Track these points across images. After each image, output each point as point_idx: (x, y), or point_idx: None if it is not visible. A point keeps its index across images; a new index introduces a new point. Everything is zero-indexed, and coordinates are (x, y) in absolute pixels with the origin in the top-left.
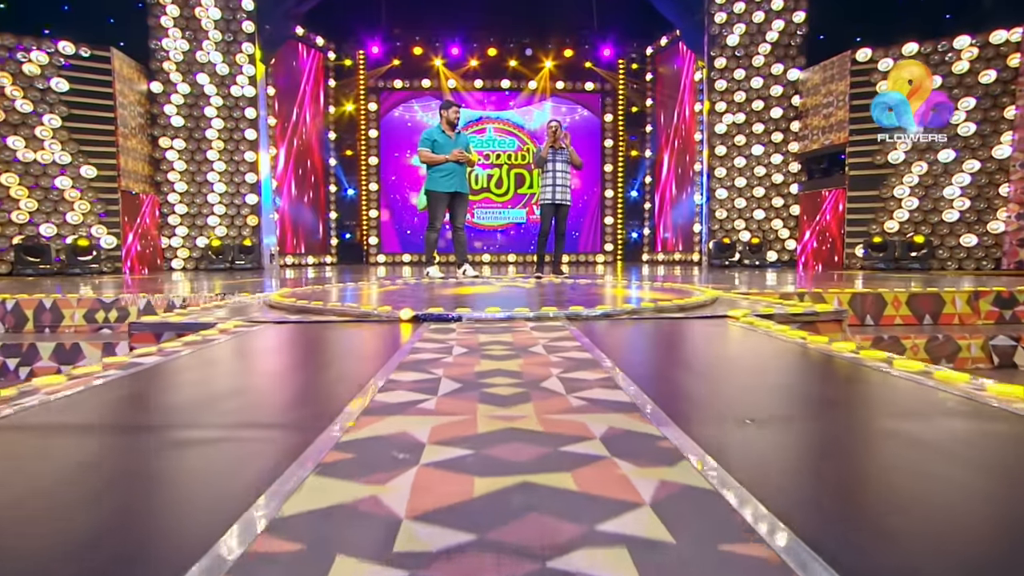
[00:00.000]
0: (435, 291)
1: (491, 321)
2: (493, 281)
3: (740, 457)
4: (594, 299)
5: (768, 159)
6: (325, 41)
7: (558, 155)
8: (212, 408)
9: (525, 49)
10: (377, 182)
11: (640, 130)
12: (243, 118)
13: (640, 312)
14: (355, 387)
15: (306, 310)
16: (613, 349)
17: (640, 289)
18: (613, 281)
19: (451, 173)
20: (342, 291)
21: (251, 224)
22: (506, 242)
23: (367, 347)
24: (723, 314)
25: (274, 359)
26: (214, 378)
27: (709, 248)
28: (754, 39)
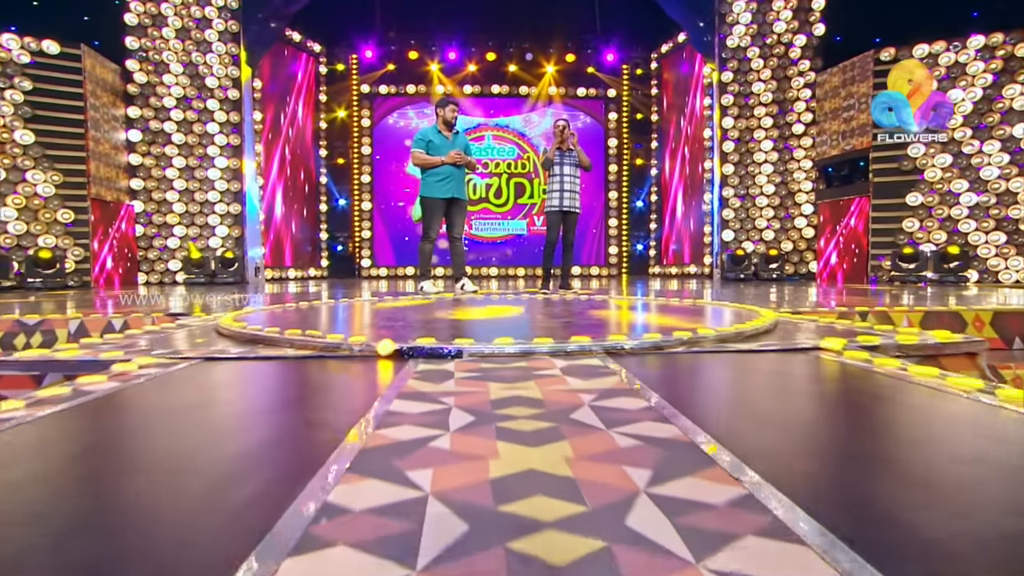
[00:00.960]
0: (429, 311)
1: (502, 357)
2: (495, 298)
3: None
4: (623, 322)
5: (784, 166)
6: (316, 44)
7: (566, 157)
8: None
9: (525, 54)
10: (370, 192)
11: (645, 137)
12: (227, 122)
13: (698, 342)
14: (260, 518)
15: (257, 339)
16: (700, 411)
17: (672, 309)
18: (633, 298)
19: (447, 177)
20: (315, 312)
21: (234, 235)
22: (506, 255)
23: (319, 407)
24: (810, 345)
25: (163, 431)
26: (25, 482)
27: (722, 260)
28: (767, 40)
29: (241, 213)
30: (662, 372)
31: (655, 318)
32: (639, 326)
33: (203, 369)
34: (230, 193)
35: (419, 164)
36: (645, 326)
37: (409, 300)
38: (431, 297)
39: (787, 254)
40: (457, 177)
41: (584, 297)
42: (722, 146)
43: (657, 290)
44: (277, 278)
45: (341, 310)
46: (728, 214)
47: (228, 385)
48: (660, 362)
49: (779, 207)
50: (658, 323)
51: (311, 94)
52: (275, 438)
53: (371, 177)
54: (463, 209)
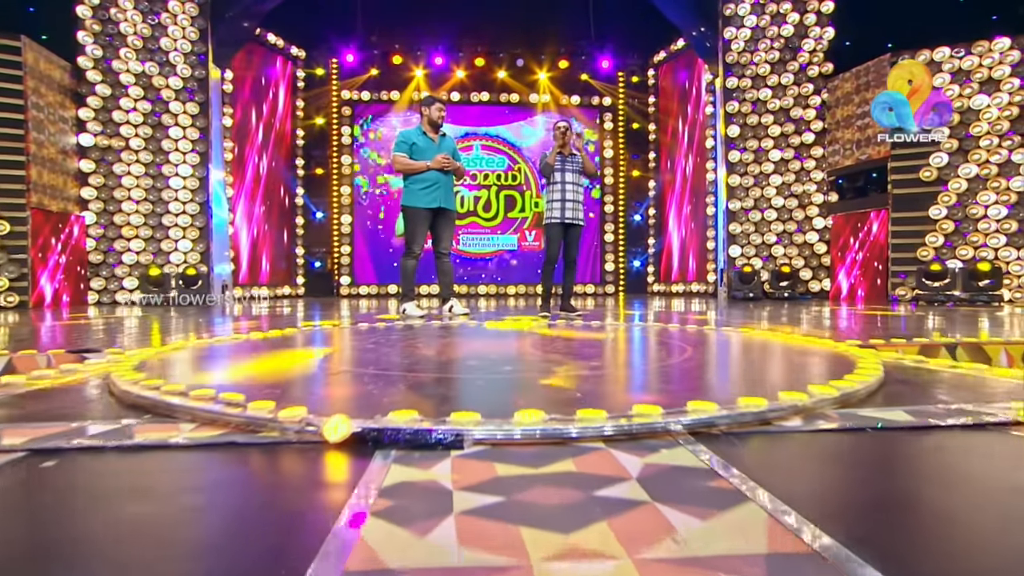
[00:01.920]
0: (411, 345)
1: (529, 444)
2: (491, 324)
3: None
4: (675, 366)
5: (794, 177)
6: (293, 47)
7: (567, 163)
8: None
9: (516, 59)
10: (350, 204)
11: (642, 148)
12: (192, 127)
13: (812, 410)
14: None
15: (145, 406)
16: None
17: (718, 343)
18: (658, 324)
19: (433, 184)
20: (265, 348)
21: (198, 250)
22: (496, 272)
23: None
24: (1002, 418)
25: None
26: None
27: (728, 278)
28: (774, 45)
29: (206, 226)
30: (808, 484)
31: (710, 358)
32: (705, 376)
33: (16, 476)
34: (194, 204)
35: (401, 170)
36: (714, 376)
37: (390, 316)
38: (415, 321)
39: (798, 271)
40: (444, 185)
41: (595, 325)
42: (727, 156)
43: (674, 312)
44: (247, 297)
45: (300, 343)
46: (734, 228)
47: (29, 516)
48: (782, 453)
49: (789, 221)
50: (729, 371)
51: (287, 100)
52: None
53: (351, 188)
54: (451, 221)
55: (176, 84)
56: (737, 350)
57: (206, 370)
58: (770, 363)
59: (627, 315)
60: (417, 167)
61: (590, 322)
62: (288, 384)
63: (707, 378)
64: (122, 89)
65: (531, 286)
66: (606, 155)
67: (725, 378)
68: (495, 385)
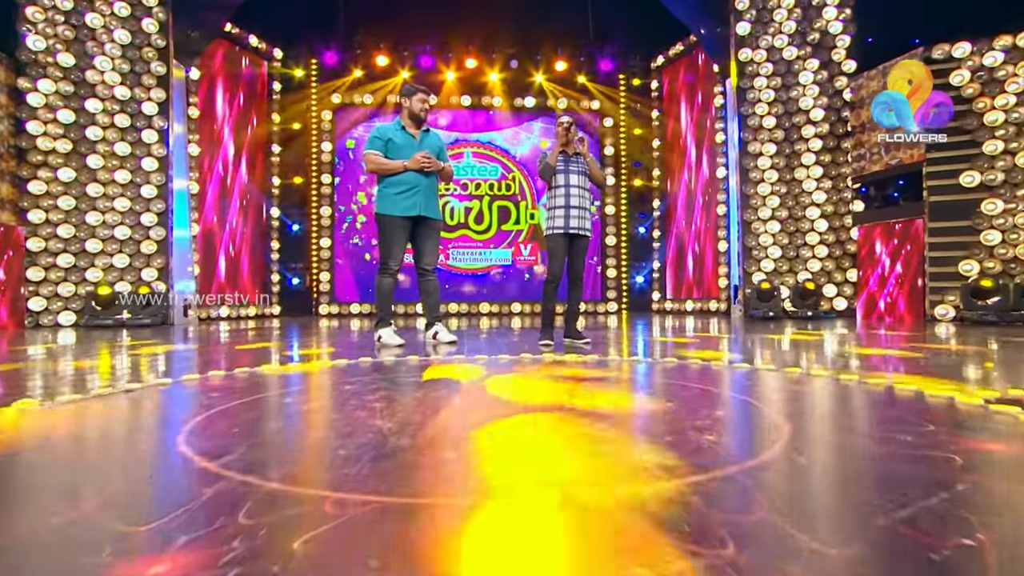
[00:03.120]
0: (384, 407)
1: None
2: (492, 387)
3: None
4: (812, 483)
5: (816, 184)
6: (268, 45)
7: (571, 164)
8: None
9: (510, 60)
10: (330, 216)
11: (646, 155)
12: (149, 128)
13: None
14: None
15: None
16: None
17: (816, 396)
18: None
19: (412, 188)
20: (178, 406)
21: (156, 266)
22: (489, 289)
23: None
24: None
25: None
26: None
27: (744, 295)
28: (792, 41)
29: (166, 239)
30: None
31: (835, 427)
32: (857, 482)
33: None
34: (151, 215)
35: (374, 170)
36: (869, 480)
37: (376, 347)
38: (391, 351)
39: (821, 287)
40: (426, 189)
41: (638, 374)
42: (741, 162)
43: (704, 338)
44: (214, 318)
45: (222, 397)
46: (750, 241)
47: None
48: None
49: (810, 232)
50: (881, 464)
51: (262, 102)
52: None
53: (332, 199)
54: (435, 232)
55: (132, 81)
56: (835, 400)
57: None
58: (893, 416)
59: (647, 344)
60: (392, 167)
61: (606, 360)
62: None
63: (856, 481)
64: (69, 85)
65: (526, 304)
66: (606, 164)
67: (887, 477)
68: (486, 460)
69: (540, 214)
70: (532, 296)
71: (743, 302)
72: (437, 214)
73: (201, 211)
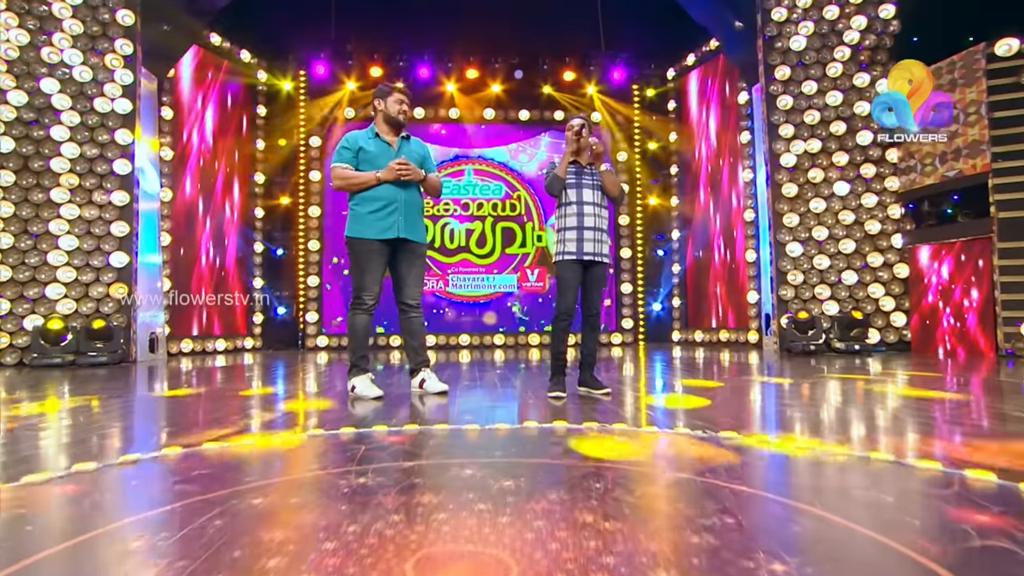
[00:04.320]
0: (350, 523)
1: None
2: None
3: None
4: None
5: (858, 201)
6: (252, 55)
7: (585, 177)
8: None
9: (514, 71)
10: (319, 239)
11: (663, 172)
12: (112, 143)
13: None
14: None
15: None
16: None
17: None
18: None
19: (389, 206)
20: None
21: (117, 296)
22: (491, 320)
23: None
24: None
25: None
26: None
27: (780, 326)
28: (827, 41)
29: (129, 265)
30: None
31: None
32: None
33: None
34: (112, 239)
35: (341, 187)
36: None
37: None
38: (366, 403)
39: (869, 316)
40: (406, 207)
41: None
42: (774, 176)
43: (764, 384)
44: (187, 352)
45: (117, 510)
46: (785, 265)
47: None
48: None
49: (854, 255)
50: None
51: (246, 116)
52: None
53: (321, 210)
54: (419, 259)
55: (93, 90)
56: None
57: None
58: None
59: (684, 388)
60: (362, 180)
61: (637, 433)
62: None
63: None
64: (20, 92)
65: (534, 336)
66: (620, 175)
67: None
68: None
69: (548, 236)
70: (541, 327)
71: (778, 333)
72: (421, 236)
73: (175, 234)
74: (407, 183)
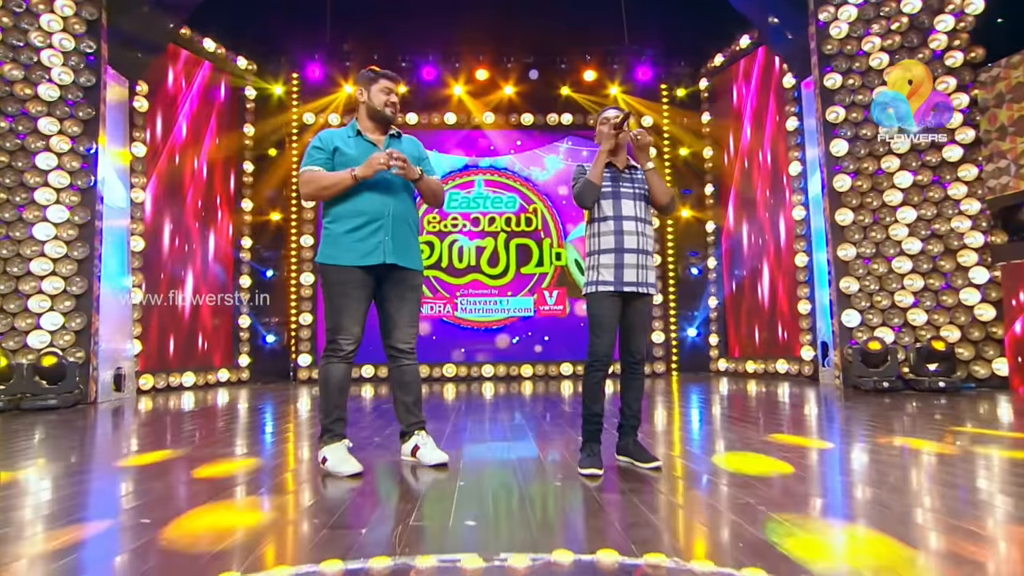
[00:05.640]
0: None
1: None
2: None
3: None
4: None
5: (936, 211)
6: (240, 56)
7: (624, 183)
8: None
9: (529, 70)
10: (313, 283)
11: (696, 180)
12: (71, 153)
13: None
14: None
15: None
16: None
17: None
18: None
19: (372, 223)
20: None
21: (74, 328)
22: (506, 347)
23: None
24: None
25: None
26: None
27: (844, 357)
28: (892, 26)
29: (89, 293)
30: None
31: None
32: None
33: None
34: (70, 262)
35: (312, 196)
36: None
37: (323, 461)
38: (341, 479)
39: (953, 347)
40: (395, 223)
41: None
42: (832, 183)
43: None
44: (162, 388)
45: None
46: (848, 286)
47: None
48: None
49: (932, 274)
50: None
51: (232, 123)
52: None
53: (315, 226)
54: (412, 291)
55: (50, 94)
56: None
57: None
58: None
59: (777, 450)
60: (334, 181)
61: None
62: None
63: None
64: None
65: (551, 365)
66: None
67: None
68: None
69: (568, 253)
70: (563, 354)
71: (841, 366)
72: (414, 261)
73: (150, 253)
74: (396, 191)
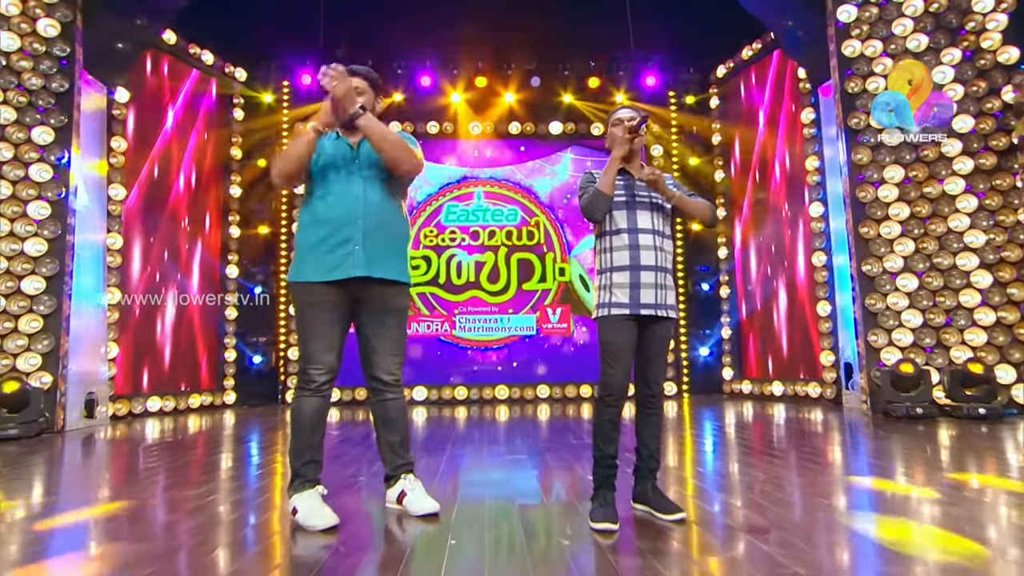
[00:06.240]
0: None
1: None
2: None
3: None
4: None
5: (968, 222)
6: (226, 61)
7: (639, 194)
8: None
9: (531, 77)
10: None
11: (706, 190)
12: (41, 162)
13: None
14: None
15: None
16: None
17: None
18: None
19: (339, 231)
20: None
21: (41, 350)
22: (507, 368)
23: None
24: None
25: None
26: None
27: (872, 381)
28: (919, 26)
29: (58, 311)
30: None
31: None
32: None
33: None
34: (38, 279)
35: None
36: None
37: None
38: (313, 534)
39: (992, 368)
40: (367, 227)
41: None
42: (855, 193)
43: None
44: (139, 413)
45: None
46: (874, 303)
47: None
48: None
49: (966, 289)
50: None
51: (218, 132)
52: None
53: None
54: (392, 314)
55: (19, 100)
56: None
57: None
58: None
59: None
60: (297, 145)
61: None
62: None
63: None
64: None
65: (555, 387)
66: None
67: None
68: None
69: (572, 268)
70: (568, 375)
71: (867, 390)
72: (398, 271)
73: (127, 271)
74: (371, 194)
